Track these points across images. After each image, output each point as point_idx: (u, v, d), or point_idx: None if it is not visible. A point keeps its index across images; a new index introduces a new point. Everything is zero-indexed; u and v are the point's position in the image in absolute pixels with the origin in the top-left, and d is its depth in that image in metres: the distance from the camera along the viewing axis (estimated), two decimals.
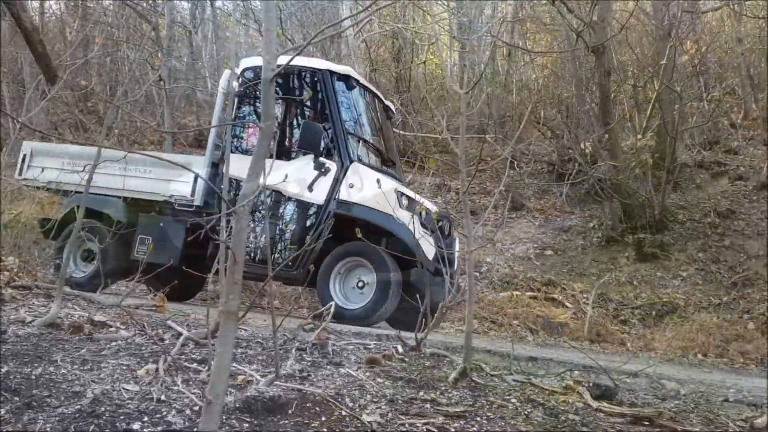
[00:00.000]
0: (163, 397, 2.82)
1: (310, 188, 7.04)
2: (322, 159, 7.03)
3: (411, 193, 7.26)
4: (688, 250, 12.00)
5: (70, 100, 16.79)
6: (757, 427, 3.16)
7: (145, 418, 2.59)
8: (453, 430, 2.80)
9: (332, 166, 7.06)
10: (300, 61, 7.85)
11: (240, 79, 7.55)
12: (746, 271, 11.37)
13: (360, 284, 6.96)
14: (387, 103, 8.67)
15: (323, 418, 2.80)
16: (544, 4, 16.05)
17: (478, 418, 2.96)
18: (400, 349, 4.14)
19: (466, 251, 3.81)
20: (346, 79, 7.55)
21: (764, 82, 17.50)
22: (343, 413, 2.85)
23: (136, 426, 2.51)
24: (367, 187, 6.91)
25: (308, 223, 7.11)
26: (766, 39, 15.88)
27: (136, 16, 16.37)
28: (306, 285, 7.79)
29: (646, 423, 3.08)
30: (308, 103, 7.57)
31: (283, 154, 7.34)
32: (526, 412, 3.09)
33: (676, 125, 12.99)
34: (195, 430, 2.51)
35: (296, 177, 7.01)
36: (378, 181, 6.07)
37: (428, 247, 6.95)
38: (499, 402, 3.21)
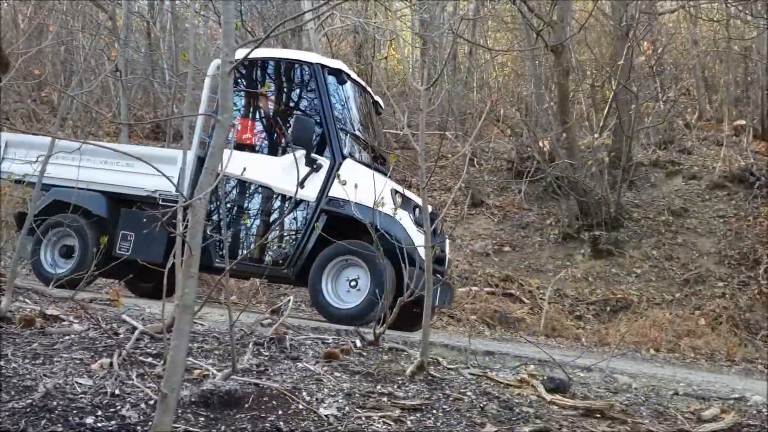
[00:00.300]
0: (117, 392, 2.79)
1: (302, 185, 6.84)
2: (313, 155, 6.86)
3: (405, 191, 7.15)
4: (642, 248, 12.25)
5: (22, 90, 16.38)
6: (705, 419, 3.25)
7: (99, 413, 2.56)
8: (409, 423, 2.83)
9: (324, 162, 6.89)
10: (290, 54, 7.70)
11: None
12: (698, 269, 11.65)
13: (353, 283, 6.80)
14: (376, 98, 8.54)
15: (280, 412, 2.79)
16: (504, 2, 16.20)
17: (435, 411, 2.99)
18: (359, 344, 4.16)
19: (425, 246, 3.84)
20: (337, 73, 7.37)
21: (718, 83, 17.95)
22: (300, 407, 2.85)
23: (89, 420, 2.48)
24: (361, 184, 6.69)
25: (299, 220, 6.95)
26: (728, 40, 16.25)
27: (92, 4, 16.04)
28: (297, 284, 7.61)
29: (598, 415, 3.15)
30: (298, 98, 7.43)
31: (273, 149, 7.19)
32: (481, 405, 3.13)
33: (632, 125, 13.23)
34: (150, 423, 2.49)
35: (287, 173, 6.82)
36: (372, 178, 5.94)
37: (421, 245, 6.90)
38: (455, 395, 3.25)
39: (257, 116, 7.43)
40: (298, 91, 7.49)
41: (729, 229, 12.47)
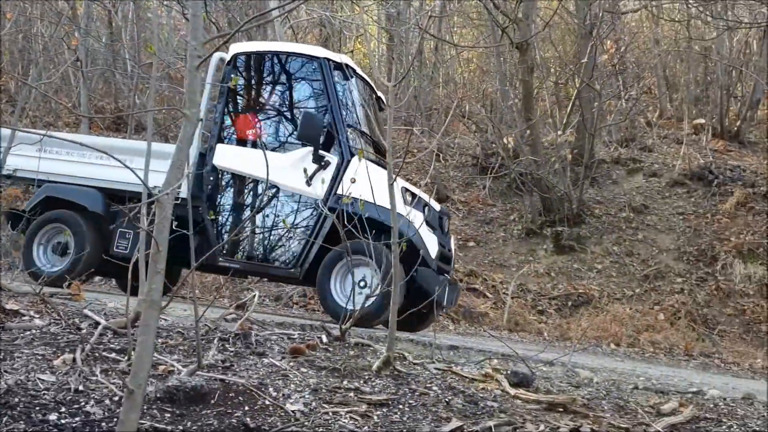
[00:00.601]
0: (81, 387, 2.75)
1: (308, 182, 6.64)
2: (321, 152, 6.68)
3: (415, 190, 7.03)
4: (604, 244, 12.45)
5: None
6: (664, 412, 3.33)
7: (63, 409, 2.52)
8: (376, 418, 2.85)
9: (332, 159, 6.70)
10: (295, 47, 7.50)
11: (231, 65, 7.15)
12: (657, 265, 11.89)
13: (362, 284, 6.60)
14: (379, 93, 8.33)
15: (246, 408, 2.79)
16: None
17: (401, 406, 3.01)
18: (325, 339, 4.16)
19: (392, 242, 3.86)
20: (343, 68, 7.19)
21: (679, 82, 18.29)
22: (267, 403, 2.85)
23: (52, 417, 2.45)
24: (370, 182, 6.67)
25: (306, 218, 6.78)
26: (690, 40, 16.55)
27: None
28: (305, 284, 7.41)
29: (561, 410, 3.20)
30: (304, 93, 7.20)
31: (278, 145, 7.01)
32: (447, 400, 3.16)
33: (594, 122, 13.41)
34: (115, 420, 2.46)
35: (293, 170, 6.58)
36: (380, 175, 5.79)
37: (432, 246, 6.77)
38: (421, 390, 3.27)
39: (261, 112, 7.22)
40: (303, 86, 7.25)
41: (688, 226, 12.74)
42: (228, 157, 6.88)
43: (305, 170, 6.55)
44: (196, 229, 6.54)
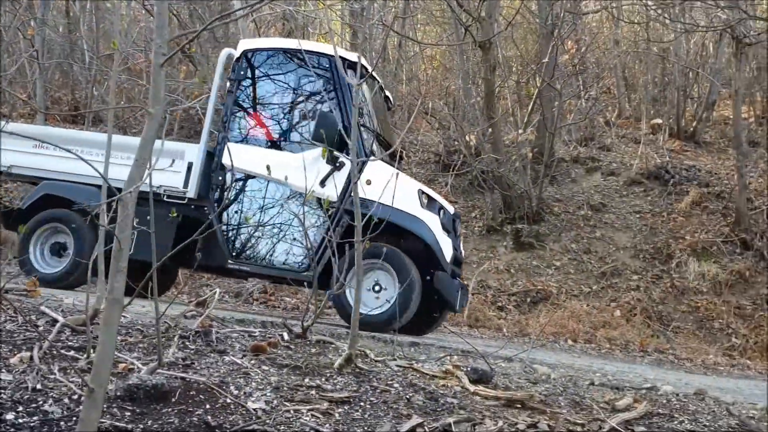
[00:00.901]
0: (38, 386, 2.72)
1: (322, 184, 6.51)
2: (336, 153, 6.52)
3: (431, 192, 6.94)
4: (562, 241, 12.64)
5: None
6: (618, 408, 3.41)
7: (20, 408, 2.49)
8: (337, 415, 2.87)
9: (346, 160, 6.52)
10: (308, 45, 7.33)
11: (241, 62, 6.98)
12: (614, 262, 12.12)
13: (377, 288, 6.53)
14: (387, 93, 8.22)
15: (207, 406, 2.79)
16: None
17: (362, 403, 3.04)
18: (286, 337, 4.16)
19: (355, 240, 3.88)
20: (356, 67, 7.13)
21: (637, 83, 18.62)
22: (228, 401, 2.85)
23: (9, 416, 2.42)
24: (386, 184, 6.28)
25: (320, 220, 6.63)
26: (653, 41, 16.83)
27: None
28: (317, 287, 7.28)
29: (519, 406, 3.26)
30: (317, 92, 6.99)
31: (290, 145, 6.85)
32: (407, 397, 3.20)
33: (555, 121, 13.60)
34: (74, 419, 2.44)
35: (306, 171, 6.34)
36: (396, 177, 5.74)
37: (447, 249, 6.71)
38: (382, 387, 3.30)
39: (272, 110, 7.03)
40: (315, 84, 7.03)
41: (644, 225, 13.01)
42: (237, 156, 6.57)
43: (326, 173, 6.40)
44: (202, 230, 6.29)
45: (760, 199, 13.32)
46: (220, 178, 6.82)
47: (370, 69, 7.36)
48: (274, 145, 6.90)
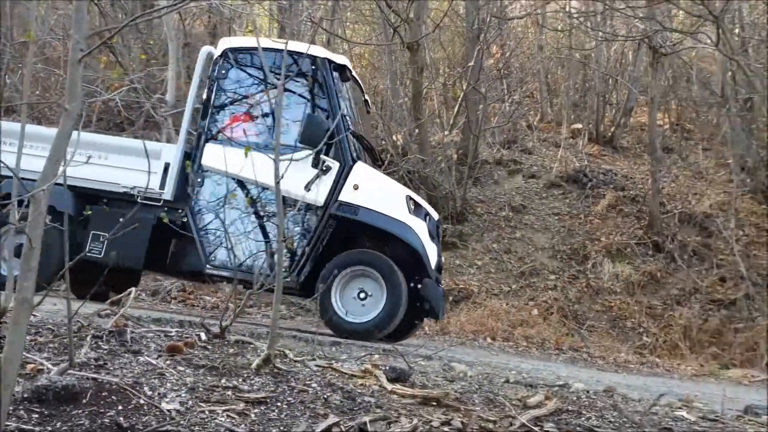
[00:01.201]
0: None
1: (307, 188, 6.38)
2: (322, 156, 6.38)
3: (418, 198, 6.86)
4: (484, 241, 12.90)
5: None
6: (529, 405, 3.52)
7: None
8: (253, 416, 2.86)
9: (333, 164, 6.43)
10: (295, 46, 6.96)
11: (221, 61, 6.77)
12: (533, 262, 12.45)
13: (362, 295, 6.43)
14: (366, 96, 8.09)
15: (120, 407, 2.74)
16: None
17: (279, 404, 3.04)
18: (204, 337, 4.11)
19: (277, 239, 3.87)
20: (342, 69, 6.89)
21: (559, 88, 19.14)
22: (141, 402, 2.80)
23: None
24: (373, 189, 6.36)
25: (304, 225, 6.47)
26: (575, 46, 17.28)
27: None
28: (301, 294, 7.01)
29: (434, 403, 3.33)
30: (303, 94, 6.80)
31: (273, 147, 6.65)
32: (325, 396, 3.22)
33: (479, 124, 13.87)
34: None
35: (290, 174, 6.28)
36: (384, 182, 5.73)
37: (433, 256, 6.66)
38: (300, 387, 3.31)
39: (252, 111, 6.81)
40: (300, 86, 6.82)
41: (562, 226, 13.41)
42: (218, 157, 6.39)
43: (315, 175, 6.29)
44: (178, 233, 5.99)
45: (672, 203, 13.93)
46: (199, 179, 6.61)
47: (353, 72, 7.31)
48: (255, 146, 6.75)
